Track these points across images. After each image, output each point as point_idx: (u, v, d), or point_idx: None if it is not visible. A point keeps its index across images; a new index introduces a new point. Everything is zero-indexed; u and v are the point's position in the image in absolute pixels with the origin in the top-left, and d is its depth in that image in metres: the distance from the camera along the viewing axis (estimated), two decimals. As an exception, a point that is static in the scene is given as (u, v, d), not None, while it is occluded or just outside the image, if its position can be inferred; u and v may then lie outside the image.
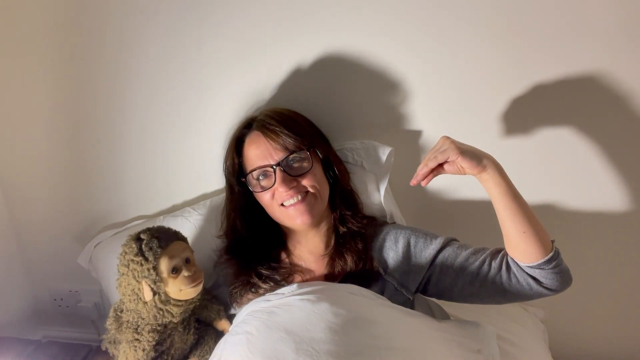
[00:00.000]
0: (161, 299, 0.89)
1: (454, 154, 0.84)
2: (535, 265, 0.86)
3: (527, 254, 0.87)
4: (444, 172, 0.89)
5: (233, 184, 1.05)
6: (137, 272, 0.88)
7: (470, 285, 0.93)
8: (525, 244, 0.86)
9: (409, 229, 1.02)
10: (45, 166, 1.40)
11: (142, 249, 0.88)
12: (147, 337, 0.92)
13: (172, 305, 0.91)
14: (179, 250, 0.92)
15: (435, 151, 0.87)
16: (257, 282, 0.98)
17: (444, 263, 0.96)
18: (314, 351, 0.73)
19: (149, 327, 0.92)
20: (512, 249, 0.89)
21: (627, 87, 1.01)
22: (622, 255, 1.15)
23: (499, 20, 1.01)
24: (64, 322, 1.61)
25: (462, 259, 0.95)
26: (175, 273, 0.89)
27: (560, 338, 1.22)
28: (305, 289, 0.87)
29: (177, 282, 0.89)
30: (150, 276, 0.87)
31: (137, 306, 0.91)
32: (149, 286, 0.88)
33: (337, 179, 1.03)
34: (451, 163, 0.86)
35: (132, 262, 0.88)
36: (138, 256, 0.88)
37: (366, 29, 1.07)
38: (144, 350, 0.92)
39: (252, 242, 1.05)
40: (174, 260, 0.89)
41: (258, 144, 0.98)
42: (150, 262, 0.87)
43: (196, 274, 0.91)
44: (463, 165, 0.85)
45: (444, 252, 0.97)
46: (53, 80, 1.29)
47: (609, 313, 1.21)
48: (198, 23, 1.14)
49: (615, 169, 1.08)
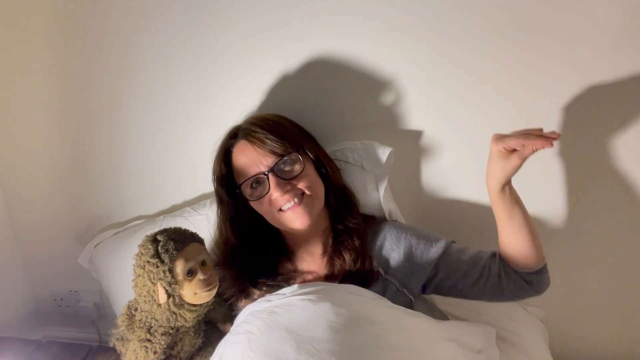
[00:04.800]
0: (175, 302, 0.88)
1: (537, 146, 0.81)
2: (532, 272, 0.94)
3: (528, 260, 0.93)
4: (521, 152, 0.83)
5: (222, 195, 1.05)
6: (153, 273, 0.87)
7: (469, 289, 0.98)
8: (532, 252, 0.92)
9: (410, 230, 1.03)
10: (45, 166, 1.40)
11: (159, 251, 0.87)
12: (159, 339, 0.91)
13: (186, 310, 0.89)
14: (195, 252, 0.90)
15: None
16: (253, 290, 0.98)
17: (446, 267, 0.98)
18: (315, 350, 0.73)
19: (162, 329, 0.91)
20: (515, 258, 0.94)
21: (627, 87, 1.01)
22: (622, 255, 1.15)
23: (499, 20, 1.02)
24: (64, 322, 1.61)
25: (463, 265, 0.97)
26: (190, 276, 0.88)
27: (560, 338, 1.22)
28: (306, 289, 0.87)
29: (192, 285, 0.88)
30: (165, 278, 0.86)
31: (151, 307, 0.90)
32: (164, 288, 0.87)
33: (329, 177, 1.03)
34: (525, 151, 0.82)
35: (147, 263, 0.87)
36: (154, 258, 0.87)
37: (361, 31, 1.08)
38: (155, 352, 0.91)
39: (246, 251, 1.05)
40: (190, 262, 0.88)
41: (246, 152, 0.98)
42: (166, 264, 0.86)
43: (211, 277, 0.90)
44: (524, 159, 0.83)
45: (446, 256, 0.98)
46: (53, 80, 1.29)
47: (609, 313, 1.21)
48: (198, 25, 1.15)
49: (615, 169, 1.08)
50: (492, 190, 0.90)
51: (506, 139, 0.83)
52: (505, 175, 0.86)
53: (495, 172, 0.87)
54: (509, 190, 0.89)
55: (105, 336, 1.56)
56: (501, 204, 0.90)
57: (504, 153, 0.84)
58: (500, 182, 0.87)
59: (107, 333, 1.54)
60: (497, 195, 0.89)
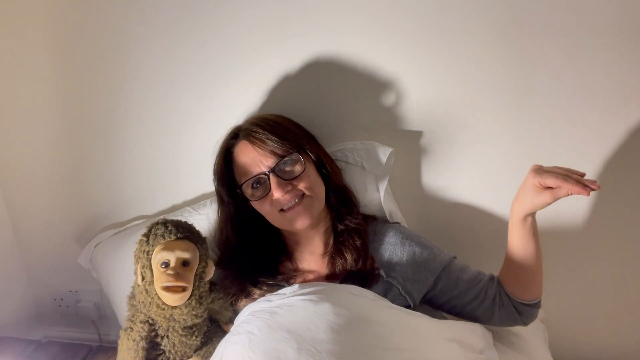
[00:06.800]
0: (146, 288, 0.89)
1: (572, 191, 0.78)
2: (529, 303, 0.95)
3: (531, 290, 0.95)
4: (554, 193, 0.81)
5: (223, 194, 1.05)
6: (138, 251, 0.91)
7: (462, 308, 0.99)
8: (536, 281, 0.94)
9: (415, 237, 1.02)
10: (45, 166, 1.40)
11: (150, 233, 0.90)
12: (138, 327, 0.91)
13: (155, 304, 0.88)
14: (180, 247, 0.88)
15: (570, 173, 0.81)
16: (253, 290, 0.98)
17: (445, 283, 0.99)
18: (316, 351, 0.73)
19: (142, 316, 0.92)
20: (519, 285, 0.95)
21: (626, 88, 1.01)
22: (622, 255, 1.15)
23: (499, 20, 1.02)
24: (64, 322, 1.61)
25: (461, 283, 0.98)
26: (164, 267, 0.86)
27: (560, 338, 1.22)
28: (307, 289, 0.87)
29: (158, 276, 0.86)
30: (141, 259, 0.89)
31: (135, 286, 0.93)
32: (140, 270, 0.90)
33: (330, 177, 1.03)
34: (559, 192, 0.79)
35: (139, 241, 0.91)
36: (144, 237, 0.90)
37: (362, 31, 1.08)
38: (134, 340, 0.91)
39: (246, 251, 1.05)
40: (167, 253, 0.86)
41: (247, 153, 0.98)
42: (149, 245, 0.89)
43: (178, 278, 0.85)
44: (556, 199, 0.81)
45: (447, 272, 0.99)
46: (53, 80, 1.29)
47: (609, 313, 1.21)
48: (198, 25, 1.15)
49: (615, 170, 1.08)
50: (514, 216, 0.89)
51: (545, 176, 0.80)
52: (532, 207, 0.85)
53: (524, 201, 0.86)
54: (530, 220, 0.88)
55: (105, 336, 1.56)
56: (520, 232, 0.89)
57: (539, 188, 0.82)
58: (525, 212, 0.86)
59: (107, 333, 1.56)
60: (518, 223, 0.89)
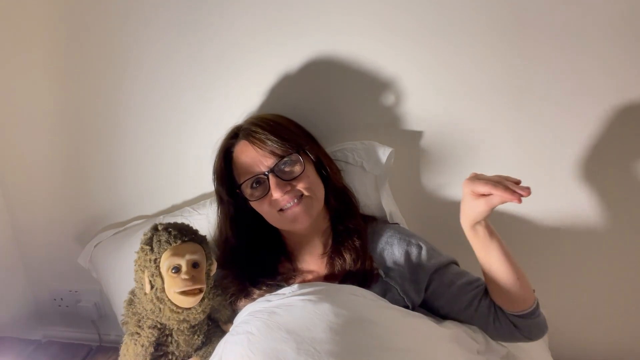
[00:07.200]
0: (157, 295, 0.87)
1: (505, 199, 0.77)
2: (519, 315, 0.90)
3: (515, 302, 0.89)
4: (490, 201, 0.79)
5: (222, 194, 1.05)
6: (142, 260, 0.88)
7: (457, 314, 0.96)
8: (516, 291, 0.87)
9: (414, 238, 1.02)
10: (45, 166, 1.40)
11: (152, 239, 0.87)
12: (147, 333, 0.90)
13: (168, 309, 0.87)
14: (188, 250, 0.88)
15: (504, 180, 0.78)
16: (253, 290, 0.98)
17: (438, 284, 0.97)
18: (315, 351, 0.73)
19: (150, 321, 0.91)
20: (501, 296, 0.91)
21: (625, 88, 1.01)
22: (622, 255, 1.15)
23: (499, 19, 1.02)
24: (64, 322, 1.61)
25: (455, 288, 0.96)
26: (175, 272, 0.86)
27: (561, 339, 1.22)
28: (306, 290, 0.86)
29: (172, 282, 0.86)
30: (149, 268, 0.86)
31: (141, 295, 0.90)
32: (148, 278, 0.87)
33: (329, 178, 1.03)
34: (493, 199, 0.77)
35: (141, 250, 0.88)
36: (147, 245, 0.87)
37: (362, 32, 1.08)
38: (142, 345, 0.90)
39: (245, 251, 1.05)
40: (177, 258, 0.86)
41: (247, 153, 0.98)
42: (154, 253, 0.86)
43: (195, 281, 0.86)
44: (491, 207, 0.79)
45: (442, 274, 0.97)
46: (53, 80, 1.29)
47: (609, 313, 1.21)
48: (197, 25, 1.15)
49: (616, 169, 1.08)
50: (464, 227, 0.87)
51: (476, 183, 0.78)
52: (474, 216, 0.82)
53: (465, 211, 0.85)
54: (482, 229, 0.85)
55: (105, 336, 1.56)
56: (474, 242, 0.88)
57: (473, 196, 0.80)
58: (469, 222, 0.85)
59: (107, 333, 1.56)
60: (469, 234, 0.87)
